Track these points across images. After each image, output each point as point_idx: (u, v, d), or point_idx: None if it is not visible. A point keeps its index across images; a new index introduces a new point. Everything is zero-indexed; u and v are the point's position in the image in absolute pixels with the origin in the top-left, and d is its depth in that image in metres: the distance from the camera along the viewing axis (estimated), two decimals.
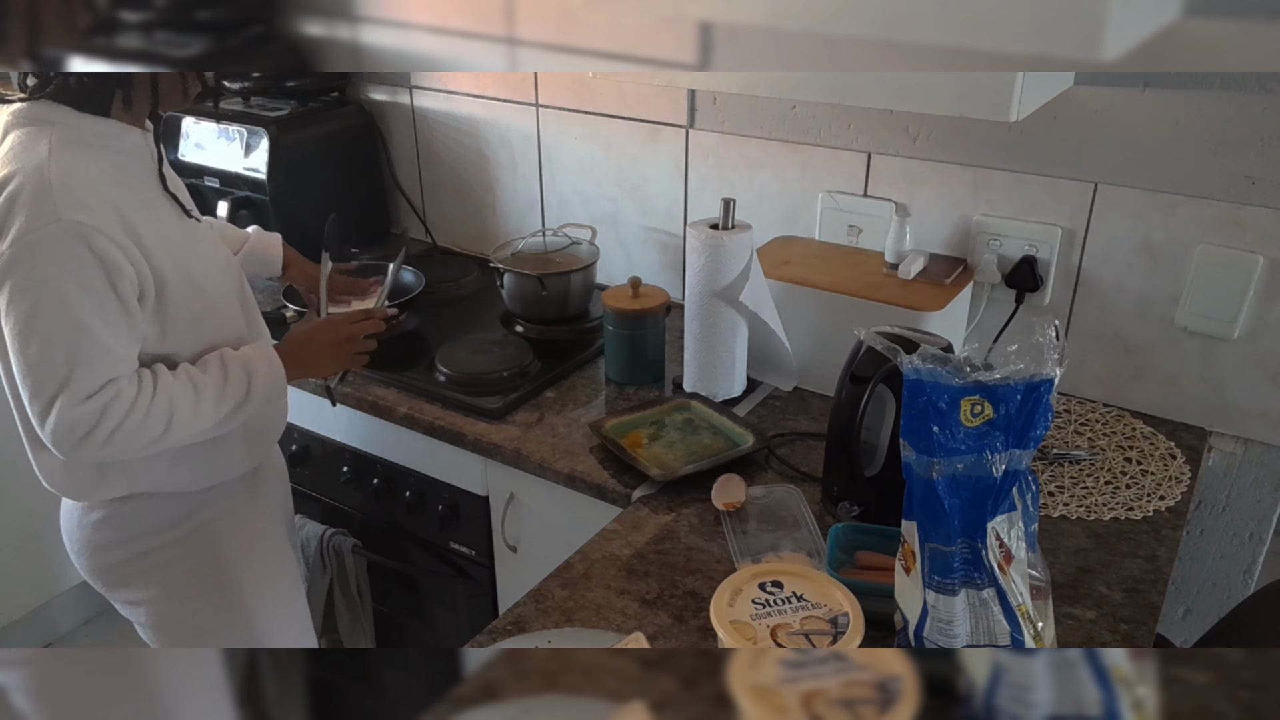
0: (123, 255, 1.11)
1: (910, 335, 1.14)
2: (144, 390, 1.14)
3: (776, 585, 0.91)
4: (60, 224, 1.07)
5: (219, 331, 1.27)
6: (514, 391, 1.55)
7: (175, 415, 1.16)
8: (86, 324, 1.09)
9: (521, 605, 1.11)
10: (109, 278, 1.10)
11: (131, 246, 1.12)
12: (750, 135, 1.70)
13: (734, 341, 1.47)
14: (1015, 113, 1.13)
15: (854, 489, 1.22)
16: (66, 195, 1.08)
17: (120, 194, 1.14)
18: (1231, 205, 1.35)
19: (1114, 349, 1.50)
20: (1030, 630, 0.87)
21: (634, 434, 1.41)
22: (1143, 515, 1.26)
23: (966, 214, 1.55)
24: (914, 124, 1.54)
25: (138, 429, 1.13)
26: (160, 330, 1.19)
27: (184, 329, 1.21)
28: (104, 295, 1.10)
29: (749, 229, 1.43)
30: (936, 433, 0.85)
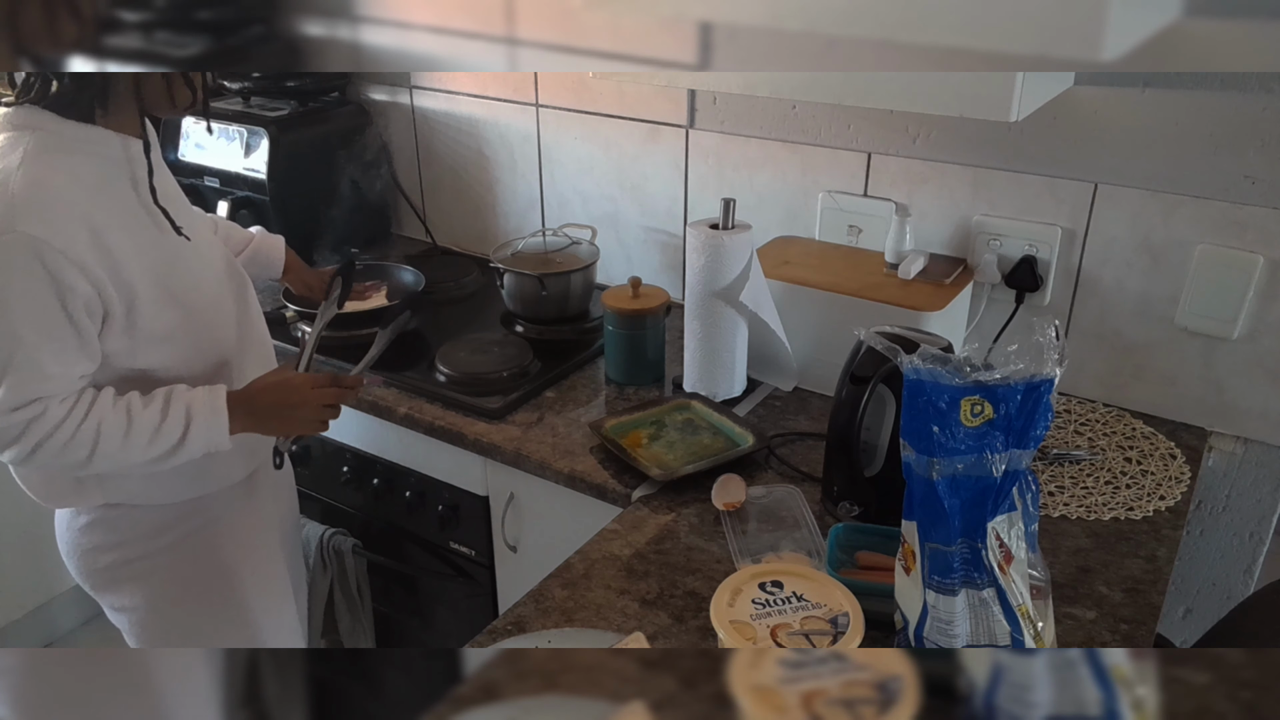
0: (79, 273, 1.08)
1: (910, 335, 1.14)
2: (74, 414, 1.12)
3: (776, 585, 0.91)
4: (14, 236, 1.05)
5: (200, 346, 1.24)
6: (514, 391, 1.55)
7: (100, 445, 1.14)
8: (23, 338, 1.08)
9: (521, 605, 1.11)
10: (59, 296, 1.07)
11: (92, 264, 1.09)
12: (750, 135, 1.70)
13: (734, 341, 1.47)
14: (1015, 113, 1.13)
15: (854, 489, 1.22)
16: (27, 207, 1.06)
17: (96, 204, 1.11)
18: (1231, 205, 1.35)
19: (1114, 349, 1.50)
20: (1030, 630, 0.87)
21: (634, 434, 1.41)
22: (1143, 515, 1.26)
23: (966, 214, 1.55)
24: (914, 124, 1.54)
25: (61, 449, 1.12)
26: (131, 345, 1.17)
27: (157, 344, 1.19)
28: (51, 312, 1.08)
29: (749, 229, 1.43)
30: (936, 433, 0.85)
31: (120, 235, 1.13)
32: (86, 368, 1.14)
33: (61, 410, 1.11)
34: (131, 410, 1.15)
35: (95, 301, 1.10)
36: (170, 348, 1.21)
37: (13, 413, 1.09)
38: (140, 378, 1.20)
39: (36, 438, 1.11)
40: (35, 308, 1.07)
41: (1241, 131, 1.31)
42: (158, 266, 1.17)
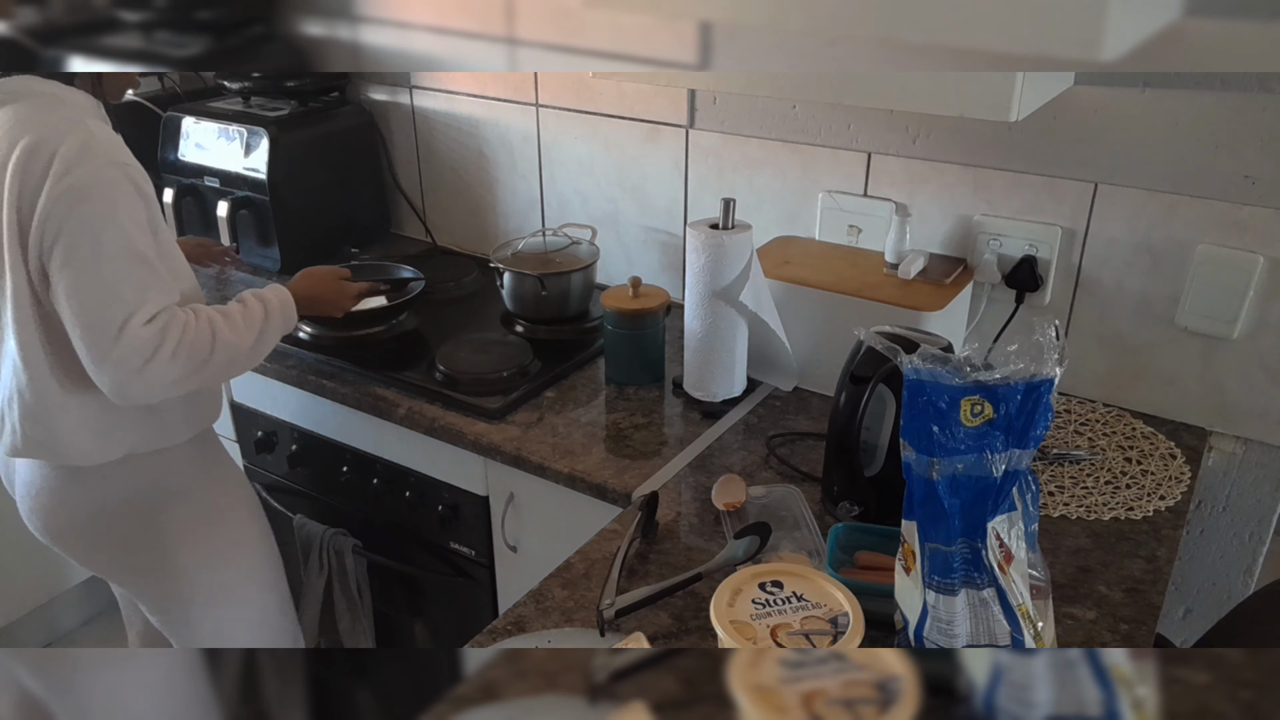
0: (154, 197, 1.27)
1: (910, 335, 1.14)
2: (188, 314, 1.27)
3: (776, 585, 0.91)
4: (112, 166, 1.21)
5: (181, 279, 1.36)
6: (514, 391, 1.55)
7: (217, 333, 1.28)
8: (145, 255, 1.23)
9: (521, 605, 1.11)
10: (150, 215, 1.26)
11: (151, 192, 1.27)
12: (750, 135, 1.70)
13: (734, 341, 1.47)
14: (1015, 113, 1.13)
15: (854, 489, 1.22)
16: (107, 143, 1.23)
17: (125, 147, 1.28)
18: (1231, 205, 1.35)
19: (1114, 349, 1.50)
20: (1030, 630, 0.87)
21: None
22: (1143, 515, 1.26)
23: (966, 214, 1.55)
24: (914, 124, 1.54)
25: (192, 348, 1.25)
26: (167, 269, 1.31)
27: (171, 272, 1.33)
28: (149, 232, 1.25)
29: (749, 229, 1.43)
30: (936, 433, 0.85)
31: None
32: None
33: (181, 314, 1.26)
34: (221, 309, 1.33)
35: (158, 222, 1.29)
36: (172, 278, 1.33)
37: (149, 323, 1.22)
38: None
39: (174, 340, 1.23)
40: (142, 228, 1.24)
41: (1241, 131, 1.31)
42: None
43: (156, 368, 1.22)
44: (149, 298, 1.22)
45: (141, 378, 1.22)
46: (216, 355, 1.28)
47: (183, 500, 1.45)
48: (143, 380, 1.23)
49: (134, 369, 1.21)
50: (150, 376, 1.23)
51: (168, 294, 1.26)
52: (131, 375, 1.22)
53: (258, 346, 1.35)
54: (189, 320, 1.26)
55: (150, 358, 1.22)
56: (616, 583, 1.09)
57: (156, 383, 1.24)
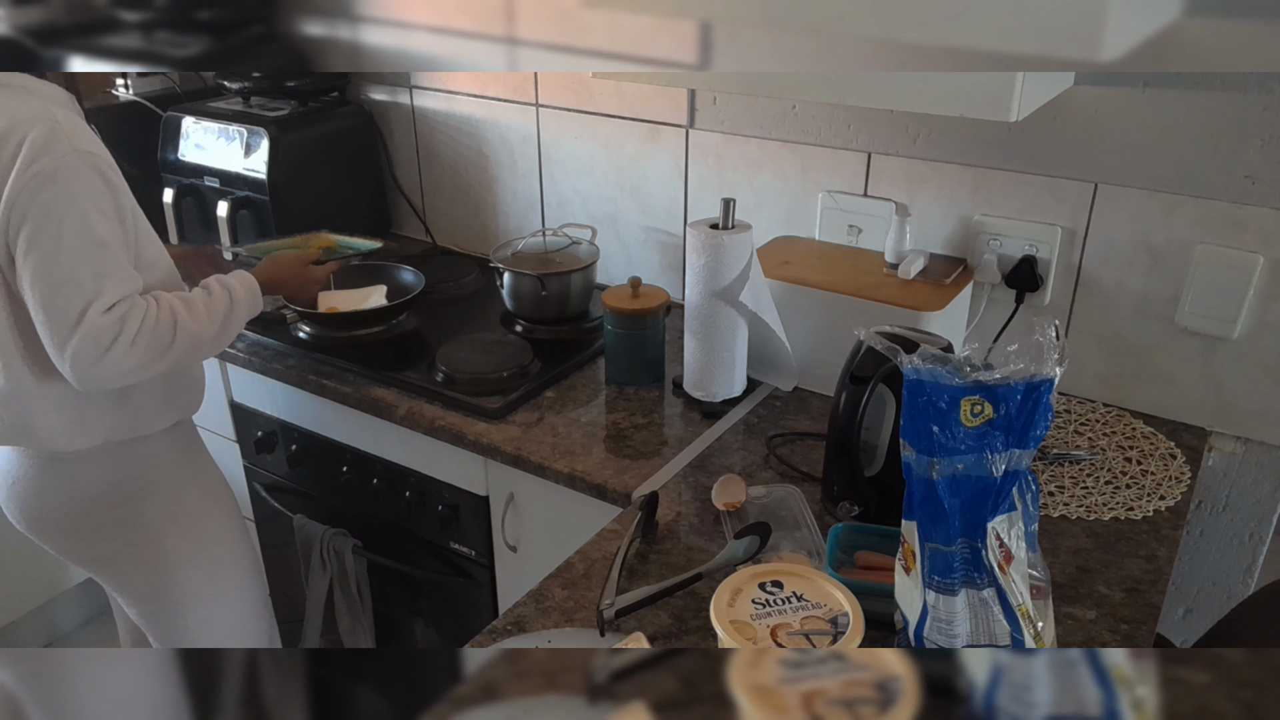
0: (121, 185, 1.28)
1: (910, 335, 1.14)
2: (149, 304, 1.27)
3: (776, 585, 0.91)
4: (77, 154, 1.22)
5: (155, 268, 1.37)
6: (514, 391, 1.55)
7: (178, 321, 1.29)
8: (108, 242, 1.24)
9: (521, 605, 1.11)
10: (116, 204, 1.26)
11: (120, 180, 1.28)
12: (750, 135, 1.70)
13: (734, 341, 1.47)
14: (1015, 113, 1.13)
15: (854, 489, 1.22)
16: (74, 132, 1.24)
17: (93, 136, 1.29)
18: (1231, 205, 1.35)
19: (1114, 349, 1.50)
20: (1030, 630, 0.87)
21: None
22: (1143, 515, 1.26)
23: (966, 214, 1.55)
24: (914, 124, 1.54)
25: (151, 335, 1.26)
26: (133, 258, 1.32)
27: (141, 261, 1.34)
28: (114, 219, 1.25)
29: (749, 229, 1.43)
30: (936, 433, 0.85)
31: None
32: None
33: (142, 302, 1.26)
34: (184, 297, 1.33)
35: (126, 211, 1.29)
36: (145, 265, 1.35)
37: (109, 312, 1.23)
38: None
39: (134, 327, 1.24)
40: (106, 215, 1.24)
41: (1241, 131, 1.31)
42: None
43: (116, 355, 1.23)
44: (107, 286, 1.22)
45: (101, 365, 1.23)
46: (179, 343, 1.29)
47: (159, 493, 1.46)
48: (103, 367, 1.24)
49: (93, 357, 1.22)
50: (110, 364, 1.24)
51: (129, 282, 1.26)
52: (91, 363, 1.23)
53: (222, 334, 1.36)
54: (150, 308, 1.26)
55: (110, 346, 1.22)
56: (616, 583, 1.09)
57: (116, 370, 1.25)
